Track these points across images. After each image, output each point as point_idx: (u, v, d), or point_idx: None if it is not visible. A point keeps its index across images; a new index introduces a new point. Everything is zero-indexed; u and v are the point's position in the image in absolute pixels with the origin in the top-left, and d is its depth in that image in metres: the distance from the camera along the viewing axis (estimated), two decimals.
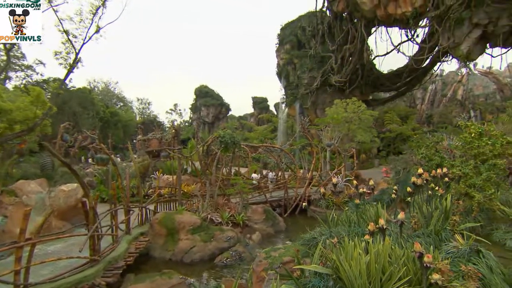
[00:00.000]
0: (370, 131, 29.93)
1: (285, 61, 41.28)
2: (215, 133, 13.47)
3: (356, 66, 33.12)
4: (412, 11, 23.20)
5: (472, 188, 5.68)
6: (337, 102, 27.23)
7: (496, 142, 9.17)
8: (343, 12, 29.69)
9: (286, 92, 41.91)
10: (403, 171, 10.42)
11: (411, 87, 43.01)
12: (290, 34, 41.24)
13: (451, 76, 69.10)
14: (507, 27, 21.46)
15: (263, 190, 18.41)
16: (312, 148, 22.86)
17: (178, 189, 13.68)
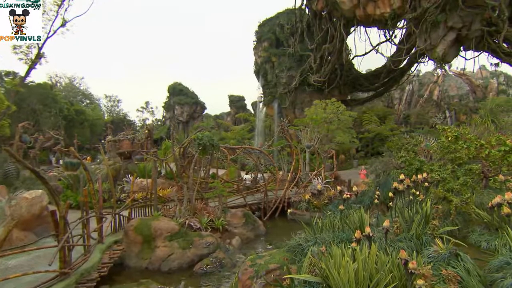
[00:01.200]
0: (349, 132, 30.88)
1: (263, 59, 41.58)
2: (193, 135, 13.39)
3: (335, 66, 34.00)
4: (390, 12, 24.19)
5: (450, 192, 6.10)
6: (317, 103, 27.86)
7: (471, 145, 9.87)
8: (322, 11, 30.40)
9: (264, 91, 42.23)
10: (383, 174, 10.91)
11: (389, 88, 44.74)
12: (268, 32, 41.59)
13: (428, 77, 72.55)
14: (479, 31, 22.89)
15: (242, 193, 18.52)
16: (291, 149, 23.26)
17: (154, 193, 13.49)
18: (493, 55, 26.52)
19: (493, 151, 8.47)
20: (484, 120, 30.92)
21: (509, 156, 8.10)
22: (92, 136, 55.00)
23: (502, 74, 67.86)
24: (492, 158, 8.48)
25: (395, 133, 46.83)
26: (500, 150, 8.53)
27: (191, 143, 14.66)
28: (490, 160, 8.58)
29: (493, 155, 8.39)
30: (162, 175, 22.06)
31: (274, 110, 41.34)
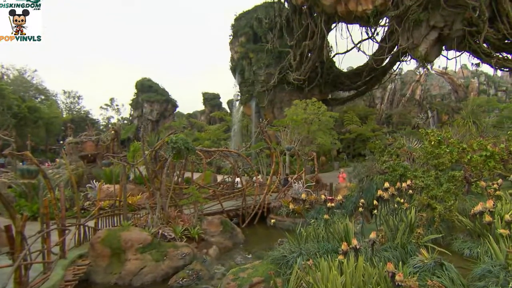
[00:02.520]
0: (330, 133, 31.62)
1: (239, 55, 41.71)
2: (166, 138, 13.26)
3: (316, 64, 34.69)
4: (372, 9, 25.05)
5: (434, 199, 6.48)
6: (297, 103, 28.33)
7: (453, 150, 10.47)
8: (302, 6, 30.95)
9: (241, 89, 42.38)
10: (366, 179, 11.33)
11: (371, 87, 46.17)
12: (245, 26, 41.78)
13: (410, 75, 75.52)
14: (461, 31, 24.19)
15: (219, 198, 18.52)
16: (270, 151, 23.50)
17: (123, 201, 13.23)
18: (474, 55, 28.07)
19: (475, 156, 9.04)
20: (466, 122, 32.68)
21: (490, 161, 8.68)
22: (48, 136, 52.89)
23: (482, 74, 71.93)
24: (474, 163, 9.04)
25: (377, 134, 48.44)
26: (482, 155, 9.12)
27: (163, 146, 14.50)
28: (472, 165, 9.15)
29: (475, 160, 8.96)
30: (131, 179, 21.62)
31: (252, 109, 41.59)
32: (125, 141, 58.83)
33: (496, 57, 26.34)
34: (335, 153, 44.35)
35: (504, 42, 25.25)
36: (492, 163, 9.03)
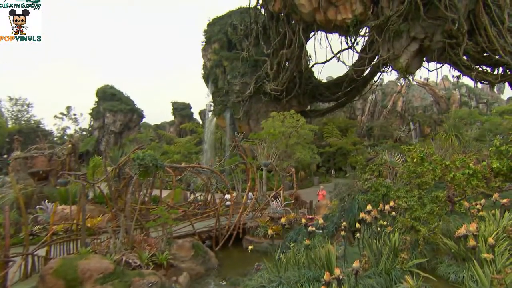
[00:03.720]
0: (309, 147, 32.10)
1: (213, 63, 41.90)
2: (132, 154, 12.99)
3: (294, 74, 35.37)
4: (352, 19, 26.04)
5: (417, 221, 6.71)
6: (274, 115, 28.64)
7: (436, 167, 10.92)
8: (279, 13, 31.64)
9: (215, 99, 42.41)
10: (347, 198, 11.57)
11: (351, 98, 47.54)
12: (219, 32, 42.14)
13: (391, 86, 78.50)
14: (441, 43, 25.56)
15: (190, 219, 18.23)
16: (246, 167, 23.52)
17: (81, 224, 12.76)
18: (455, 68, 29.69)
19: (458, 174, 9.47)
20: (448, 135, 34.21)
21: (473, 180, 9.13)
22: None
23: (464, 86, 75.88)
24: (457, 182, 9.47)
25: (358, 147, 49.74)
26: (464, 173, 9.58)
27: (128, 163, 14.19)
28: (455, 183, 9.57)
29: (458, 178, 9.38)
30: (90, 198, 20.90)
31: (226, 121, 41.62)
32: (84, 155, 57.03)
33: (476, 69, 27.96)
34: (315, 167, 45.00)
35: (483, 55, 26.89)
36: (475, 182, 9.50)
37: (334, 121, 55.26)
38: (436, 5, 23.16)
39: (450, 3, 23.04)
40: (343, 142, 48.91)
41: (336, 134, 50.91)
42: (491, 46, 24.93)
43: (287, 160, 29.22)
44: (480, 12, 24.68)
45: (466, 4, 23.78)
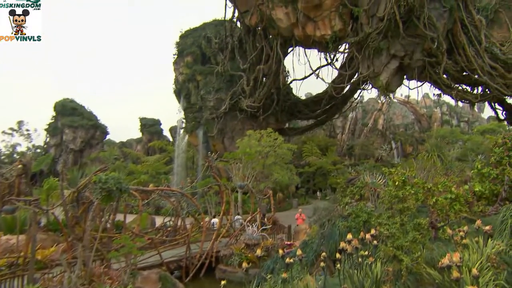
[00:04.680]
0: (288, 168, 32.30)
1: (185, 77, 41.95)
2: (94, 177, 12.62)
3: (271, 90, 35.84)
4: (331, 35, 26.85)
5: (400, 250, 6.79)
6: (250, 133, 28.75)
7: (418, 190, 11.19)
8: (256, 27, 32.26)
9: (187, 115, 42.22)
10: (327, 223, 11.62)
11: (331, 116, 48.49)
12: (192, 45, 42.42)
13: (372, 104, 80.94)
14: (421, 61, 26.69)
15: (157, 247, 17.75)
16: (220, 189, 23.31)
17: (30, 257, 12.13)
18: (435, 86, 30.99)
19: (440, 198, 9.74)
20: (431, 155, 35.33)
21: (456, 204, 9.40)
22: None
23: (445, 104, 79.24)
24: (440, 206, 9.73)
25: (338, 167, 50.52)
26: (447, 198, 9.86)
27: (89, 186, 13.76)
28: (437, 208, 9.82)
29: (440, 203, 9.64)
30: (42, 225, 19.94)
31: (199, 139, 41.38)
32: (37, 176, 54.89)
33: (456, 88, 29.30)
34: (294, 188, 45.21)
35: (462, 74, 28.28)
36: (458, 206, 9.78)
37: (313, 140, 56.06)
38: (415, 23, 24.27)
39: (429, 22, 24.20)
40: (323, 161, 49.56)
41: (316, 153, 51.59)
42: (470, 65, 26.28)
43: (264, 181, 29.21)
44: (458, 32, 26.09)
45: (444, 23, 25.05)
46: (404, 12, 23.45)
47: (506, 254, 7.38)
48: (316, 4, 25.64)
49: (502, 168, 13.04)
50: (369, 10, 25.08)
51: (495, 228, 9.04)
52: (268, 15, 28.21)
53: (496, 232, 8.65)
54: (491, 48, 26.18)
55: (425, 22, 24.08)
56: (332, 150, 55.75)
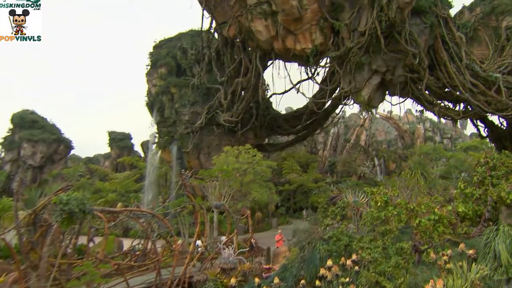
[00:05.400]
0: (267, 186, 32.19)
1: (159, 89, 41.63)
2: (54, 198, 12.15)
3: (250, 104, 35.95)
4: (312, 48, 27.30)
5: (382, 276, 6.77)
6: (228, 150, 28.61)
7: (401, 211, 11.30)
8: (235, 39, 32.48)
9: (160, 129, 41.74)
10: (308, 246, 11.52)
11: (312, 131, 48.99)
12: (167, 55, 42.29)
13: (354, 119, 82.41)
14: (403, 77, 27.49)
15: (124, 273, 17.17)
16: (194, 209, 22.94)
17: None
18: (417, 102, 31.88)
19: (423, 220, 9.87)
20: (414, 173, 36.05)
21: (439, 226, 9.53)
22: None
23: (428, 120, 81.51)
24: (423, 228, 9.84)
25: (320, 185, 50.76)
26: (430, 219, 9.99)
27: (48, 207, 13.23)
28: (421, 230, 9.93)
29: (423, 224, 9.76)
30: None
31: (173, 155, 40.86)
32: None
33: (438, 105, 30.24)
34: (273, 207, 45.00)
35: (444, 90, 29.27)
36: (441, 228, 9.93)
37: (294, 156, 56.29)
38: (396, 38, 25.06)
39: (410, 38, 25.05)
40: (303, 179, 49.69)
41: (296, 170, 51.72)
42: (451, 82, 27.27)
43: (241, 200, 28.96)
44: (439, 48, 27.12)
45: (425, 39, 26.00)
46: (385, 27, 24.15)
47: (491, 279, 7.49)
48: (296, 17, 26.03)
49: (485, 188, 13.37)
50: (350, 25, 25.71)
51: (479, 251, 9.20)
52: (247, 27, 28.45)
53: (480, 256, 8.79)
54: (471, 65, 27.29)
55: (406, 37, 24.91)
56: (313, 167, 56.05)
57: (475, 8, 31.38)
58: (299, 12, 25.34)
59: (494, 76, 26.52)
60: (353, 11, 25.39)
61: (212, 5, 29.85)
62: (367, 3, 24.64)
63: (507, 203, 12.97)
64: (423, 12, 25.90)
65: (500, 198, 12.98)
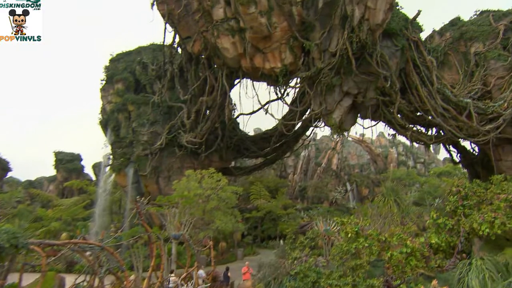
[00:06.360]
0: (232, 213, 32.00)
1: (114, 106, 40.91)
2: None
3: (215, 124, 35.98)
4: (281, 68, 27.80)
5: None
6: (190, 174, 28.39)
7: (372, 243, 11.52)
8: (199, 55, 32.64)
9: (115, 150, 40.77)
10: (274, 282, 11.52)
11: (282, 154, 49.46)
12: (125, 70, 41.83)
13: (325, 142, 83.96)
14: (375, 100, 28.45)
15: None
16: (150, 240, 22.38)
17: None
18: (390, 126, 33.00)
19: (395, 253, 10.09)
20: (387, 200, 37.01)
21: (412, 260, 9.76)
22: None
23: (401, 144, 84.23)
24: (395, 261, 10.06)
25: (289, 211, 50.95)
26: (402, 252, 10.24)
27: None
28: (393, 264, 10.14)
29: (395, 258, 9.98)
30: None
31: (128, 179, 39.84)
32: None
33: (410, 129, 31.46)
34: (239, 237, 44.61)
35: (416, 114, 30.52)
36: (414, 262, 10.17)
37: (262, 181, 56.44)
38: (368, 60, 26.00)
39: (382, 60, 26.09)
40: (272, 205, 49.75)
41: (265, 195, 51.79)
42: (423, 106, 28.53)
43: (204, 230, 28.62)
44: (410, 72, 28.44)
45: (397, 62, 27.17)
46: (356, 48, 24.99)
47: None
48: (265, 35, 26.51)
49: (458, 218, 13.91)
50: (321, 45, 26.41)
51: (452, 286, 9.48)
52: (213, 43, 28.69)
53: None
54: (443, 90, 28.71)
55: (378, 60, 25.90)
56: (282, 192, 56.32)
57: (445, 32, 33.34)
58: (268, 30, 25.86)
59: (464, 101, 27.95)
60: (324, 31, 26.13)
61: (175, 19, 29.95)
62: (338, 23, 25.47)
63: (479, 235, 13.54)
64: (394, 35, 27.12)
65: (472, 230, 13.54)
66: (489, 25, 31.42)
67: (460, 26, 32.80)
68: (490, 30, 30.98)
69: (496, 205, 15.40)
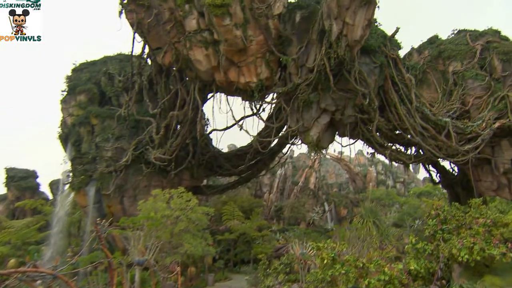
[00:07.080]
0: (203, 236, 31.69)
1: (76, 120, 40.16)
2: None
3: (186, 140, 35.81)
4: (257, 83, 28.14)
5: None
6: (157, 193, 28.10)
7: (349, 270, 11.72)
8: (170, 67, 32.64)
9: (75, 167, 39.90)
10: None
11: (257, 172, 49.61)
12: (89, 81, 41.25)
13: (302, 160, 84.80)
14: (353, 117, 29.11)
15: None
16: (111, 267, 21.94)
17: None
18: (368, 145, 33.74)
19: (373, 281, 10.30)
20: (366, 222, 37.62)
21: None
22: None
23: (380, 162, 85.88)
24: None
25: (264, 233, 50.78)
26: (380, 279, 10.45)
27: None
28: None
29: (373, 286, 10.18)
30: None
31: (89, 198, 38.95)
32: None
33: (389, 148, 32.26)
34: (210, 261, 44.14)
35: (395, 133, 31.37)
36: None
37: (236, 200, 56.18)
38: (346, 77, 26.66)
39: (360, 77, 26.81)
40: (246, 226, 49.45)
41: (238, 216, 51.50)
42: (402, 124, 29.38)
43: (171, 254, 28.21)
44: (389, 89, 29.31)
45: (375, 79, 27.95)
46: (334, 64, 25.55)
47: None
48: (240, 48, 26.81)
49: (437, 243, 14.30)
50: (298, 60, 26.94)
51: None
52: (185, 55, 28.76)
53: None
54: (422, 108, 29.71)
55: (356, 76, 26.58)
56: (257, 212, 56.11)
57: (423, 50, 34.69)
58: (244, 43, 26.21)
59: (443, 120, 28.95)
60: (301, 46, 26.69)
61: (145, 28, 29.86)
62: (316, 38, 26.07)
63: (458, 261, 13.94)
64: (373, 52, 27.94)
65: (452, 255, 13.93)
66: (467, 45, 32.94)
67: (439, 44, 34.21)
68: (468, 50, 32.46)
69: (475, 230, 15.92)
